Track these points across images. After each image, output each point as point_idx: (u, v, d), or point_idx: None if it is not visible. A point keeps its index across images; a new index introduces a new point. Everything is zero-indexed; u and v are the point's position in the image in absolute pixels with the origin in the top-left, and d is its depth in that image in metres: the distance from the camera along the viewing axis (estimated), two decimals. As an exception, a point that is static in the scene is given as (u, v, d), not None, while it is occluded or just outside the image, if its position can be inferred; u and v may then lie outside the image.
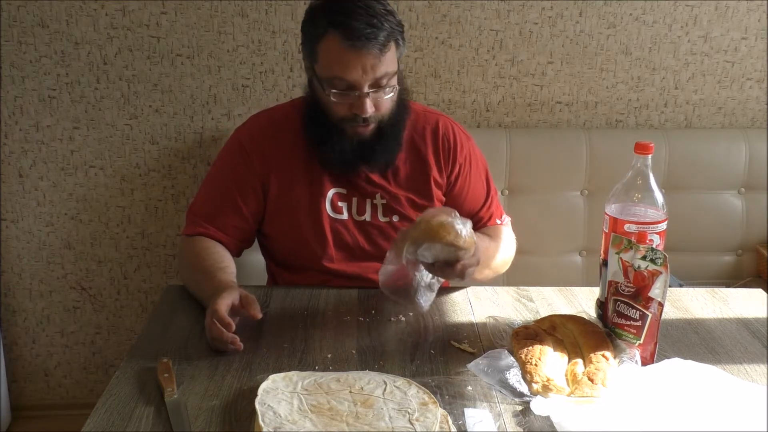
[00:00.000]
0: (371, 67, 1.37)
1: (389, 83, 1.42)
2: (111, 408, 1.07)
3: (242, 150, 1.55)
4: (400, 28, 1.42)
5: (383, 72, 1.39)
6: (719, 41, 2.21)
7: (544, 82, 2.22)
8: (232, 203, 1.53)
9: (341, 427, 0.99)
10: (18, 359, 2.37)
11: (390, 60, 1.40)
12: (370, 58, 1.36)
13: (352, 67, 1.37)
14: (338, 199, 1.54)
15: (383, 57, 1.37)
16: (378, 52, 1.36)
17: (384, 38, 1.37)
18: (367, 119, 1.42)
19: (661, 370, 1.13)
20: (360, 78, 1.37)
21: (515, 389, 1.11)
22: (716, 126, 2.28)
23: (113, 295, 2.34)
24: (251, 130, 1.58)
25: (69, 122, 2.18)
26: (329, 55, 1.39)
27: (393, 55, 1.41)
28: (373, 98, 1.41)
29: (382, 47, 1.37)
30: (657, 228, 1.23)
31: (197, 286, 1.42)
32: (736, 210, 2.20)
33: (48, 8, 2.08)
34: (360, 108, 1.40)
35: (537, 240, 2.16)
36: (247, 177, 1.53)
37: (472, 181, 1.62)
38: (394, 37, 1.40)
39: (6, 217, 2.25)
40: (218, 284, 1.34)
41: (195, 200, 1.59)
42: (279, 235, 1.58)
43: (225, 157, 1.58)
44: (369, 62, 1.37)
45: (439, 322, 1.35)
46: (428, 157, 1.57)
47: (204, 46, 2.14)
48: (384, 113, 1.45)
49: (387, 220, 1.56)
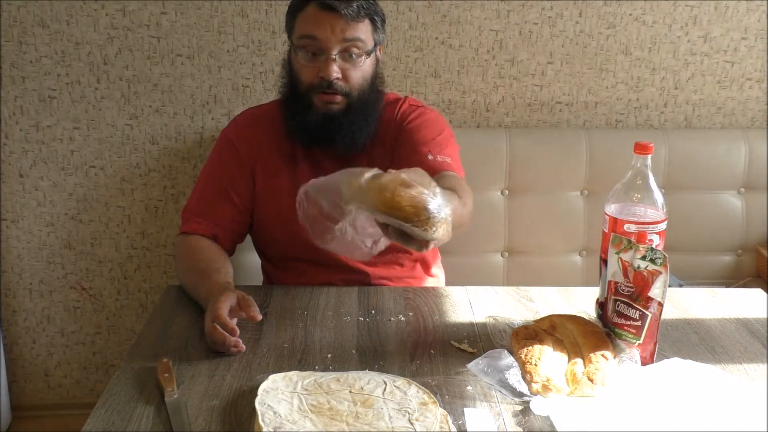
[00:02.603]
0: (341, 29, 1.43)
1: (359, 53, 1.46)
2: (111, 408, 1.08)
3: (229, 143, 1.60)
4: (380, 14, 1.49)
5: (352, 36, 1.44)
6: (719, 41, 2.21)
7: (544, 82, 2.22)
8: (224, 195, 1.56)
9: (341, 427, 0.99)
10: (18, 359, 2.37)
11: (362, 29, 1.46)
12: (341, 22, 1.43)
13: (322, 26, 1.43)
14: None
15: (354, 24, 1.44)
16: (348, 17, 1.43)
17: (357, 8, 1.43)
18: (333, 85, 1.45)
19: (661, 369, 1.13)
20: (329, 37, 1.43)
21: (515, 389, 1.11)
22: (716, 126, 2.28)
23: (113, 295, 2.34)
24: (236, 124, 1.65)
25: (69, 122, 2.18)
26: (305, 18, 1.46)
27: (367, 28, 1.47)
28: (341, 65, 1.45)
29: (355, 14, 1.43)
30: (657, 228, 1.23)
31: (193, 287, 1.42)
32: (736, 210, 2.20)
33: (48, 8, 2.09)
34: (326, 71, 1.44)
35: (537, 240, 2.16)
36: (236, 168, 1.57)
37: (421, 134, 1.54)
38: (368, 13, 1.46)
39: (6, 217, 2.25)
40: (214, 286, 1.34)
41: (188, 201, 1.62)
42: (267, 227, 1.60)
43: (214, 155, 1.63)
44: (339, 25, 1.43)
45: (439, 322, 1.36)
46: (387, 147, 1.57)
47: (204, 46, 2.14)
48: (353, 86, 1.48)
49: None
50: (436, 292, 1.48)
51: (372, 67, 1.51)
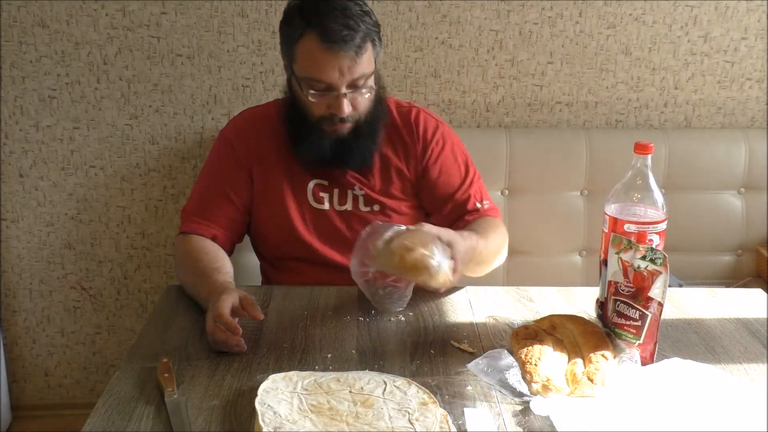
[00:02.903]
0: (348, 68, 1.41)
1: (366, 84, 1.46)
2: (111, 408, 1.08)
3: (227, 144, 1.60)
4: (377, 29, 1.46)
5: (360, 73, 1.42)
6: (719, 41, 2.21)
7: (544, 82, 2.22)
8: (223, 195, 1.57)
9: (341, 427, 0.99)
10: (18, 359, 2.37)
11: (367, 61, 1.44)
12: (347, 60, 1.40)
13: (330, 68, 1.40)
14: (319, 190, 1.58)
15: (359, 59, 1.41)
16: (354, 54, 1.40)
17: (360, 40, 1.40)
18: (345, 119, 1.46)
19: (661, 369, 1.13)
20: (337, 80, 1.41)
21: (515, 389, 1.11)
22: (716, 126, 2.28)
23: (113, 295, 2.34)
24: (234, 125, 1.65)
25: (69, 122, 2.18)
26: (306, 56, 1.42)
27: (370, 55, 1.45)
28: (350, 98, 1.45)
29: (359, 49, 1.40)
30: (657, 228, 1.23)
31: (193, 287, 1.42)
32: (736, 210, 2.20)
33: (48, 8, 2.08)
34: (338, 108, 1.44)
35: (537, 240, 2.16)
36: (235, 167, 1.58)
37: (446, 164, 1.61)
38: (370, 37, 1.44)
39: (6, 217, 2.25)
40: (215, 285, 1.34)
41: (188, 201, 1.63)
42: (265, 227, 1.61)
43: (212, 156, 1.63)
44: (346, 64, 1.40)
45: (439, 322, 1.35)
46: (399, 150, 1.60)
47: (204, 46, 2.14)
48: (361, 112, 1.49)
49: (369, 210, 1.59)
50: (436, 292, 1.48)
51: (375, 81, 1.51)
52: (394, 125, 1.60)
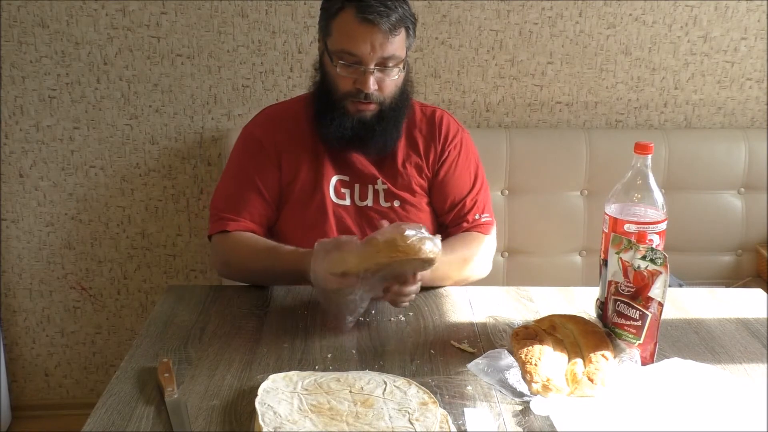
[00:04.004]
0: (380, 45, 1.43)
1: (395, 66, 1.47)
2: (111, 408, 1.08)
3: (254, 138, 1.60)
4: (413, 18, 1.49)
5: (390, 53, 1.44)
6: (719, 41, 2.21)
7: (544, 82, 2.22)
8: (254, 188, 1.57)
9: (341, 426, 0.99)
10: (18, 359, 2.37)
11: (399, 44, 1.45)
12: (380, 36, 1.42)
13: (362, 41, 1.42)
14: (341, 186, 1.58)
15: (392, 37, 1.43)
16: (387, 31, 1.42)
17: (396, 20, 1.43)
18: (369, 96, 1.47)
19: (661, 369, 1.13)
20: (368, 54, 1.43)
21: (515, 389, 1.11)
22: (716, 126, 2.29)
23: (113, 295, 2.34)
24: (259, 119, 1.65)
25: (69, 122, 2.18)
26: (342, 29, 1.45)
27: (402, 40, 1.46)
28: (377, 77, 1.46)
29: (393, 28, 1.43)
30: (657, 228, 1.23)
31: (269, 266, 1.45)
32: (736, 210, 2.20)
33: (48, 8, 2.09)
34: (363, 83, 1.46)
35: (537, 240, 2.16)
36: (263, 160, 1.58)
37: (460, 170, 1.63)
38: (405, 23, 1.46)
39: (6, 217, 2.25)
40: (298, 252, 1.39)
41: (215, 196, 1.61)
42: (286, 221, 1.60)
43: (238, 151, 1.63)
44: (378, 40, 1.42)
45: (439, 322, 1.35)
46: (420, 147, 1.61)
47: (204, 46, 2.14)
48: (386, 96, 1.50)
49: (389, 205, 1.59)
50: (436, 292, 1.48)
51: (404, 74, 1.52)
52: (417, 122, 1.62)
